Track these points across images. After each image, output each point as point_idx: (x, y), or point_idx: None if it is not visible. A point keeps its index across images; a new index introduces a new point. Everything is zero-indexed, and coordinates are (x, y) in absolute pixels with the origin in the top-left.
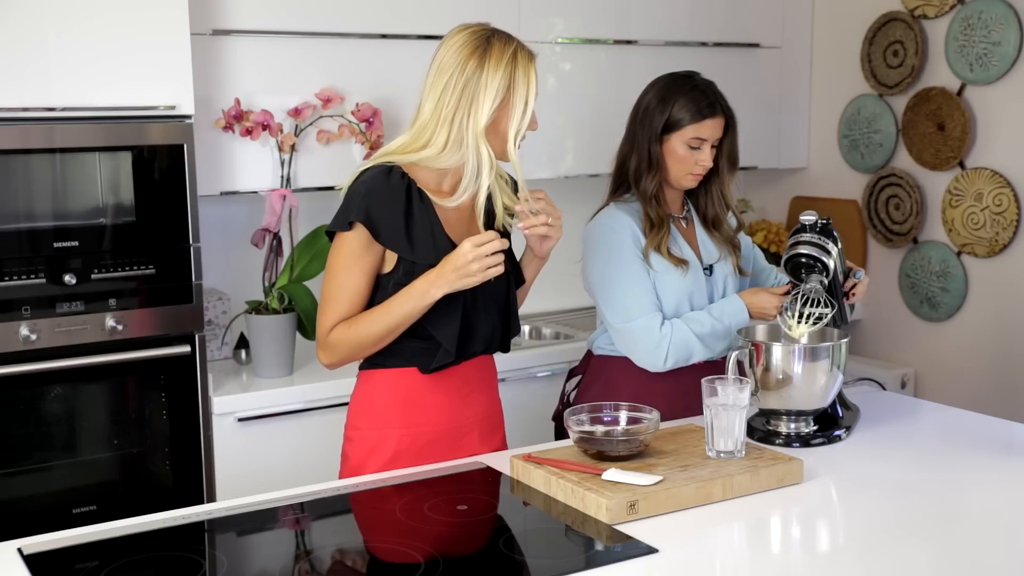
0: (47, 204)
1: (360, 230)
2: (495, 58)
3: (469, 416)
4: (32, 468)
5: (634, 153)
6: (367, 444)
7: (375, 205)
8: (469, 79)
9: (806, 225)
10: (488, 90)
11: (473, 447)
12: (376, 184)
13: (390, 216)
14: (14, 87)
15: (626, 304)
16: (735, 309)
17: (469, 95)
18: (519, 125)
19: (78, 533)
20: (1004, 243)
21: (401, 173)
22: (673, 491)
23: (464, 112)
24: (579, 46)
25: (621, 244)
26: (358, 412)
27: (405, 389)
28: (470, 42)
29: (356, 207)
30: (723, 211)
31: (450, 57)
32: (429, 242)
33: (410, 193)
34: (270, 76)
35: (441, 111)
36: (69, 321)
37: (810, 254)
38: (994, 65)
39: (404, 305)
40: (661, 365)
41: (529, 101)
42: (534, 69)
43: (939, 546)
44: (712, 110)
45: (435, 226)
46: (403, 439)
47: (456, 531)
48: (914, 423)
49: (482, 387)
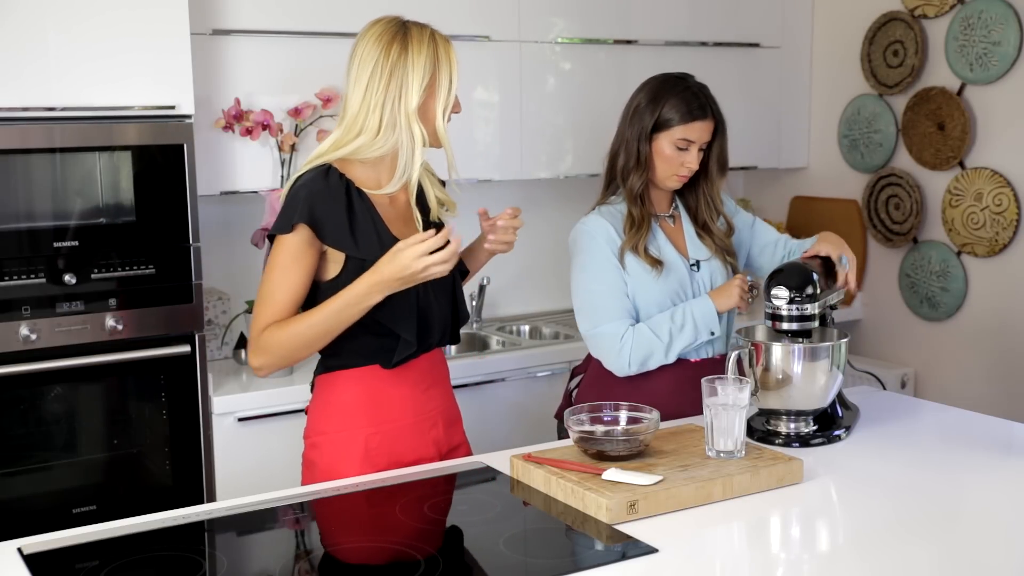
0: (47, 204)
1: (302, 231)
2: (416, 41)
3: (432, 409)
4: (32, 468)
5: (622, 150)
6: (336, 447)
7: (318, 206)
8: (395, 64)
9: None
10: (416, 71)
11: (439, 439)
12: (316, 186)
13: (333, 216)
14: (14, 87)
15: (593, 310)
16: (704, 311)
17: (398, 78)
18: (446, 102)
19: (78, 533)
20: (1004, 243)
21: (339, 174)
22: (673, 491)
23: (395, 95)
24: (579, 46)
25: (592, 251)
26: (322, 417)
27: (369, 387)
28: (388, 30)
29: (299, 209)
30: (712, 216)
31: (370, 48)
32: (374, 239)
33: (349, 192)
34: (270, 76)
35: (371, 99)
36: (69, 321)
37: (797, 330)
38: (994, 65)
39: (343, 310)
40: (626, 369)
41: (453, 80)
42: (453, 51)
43: (939, 546)
44: (702, 112)
45: (377, 222)
46: (372, 437)
47: (456, 531)
48: (914, 423)
49: (438, 380)
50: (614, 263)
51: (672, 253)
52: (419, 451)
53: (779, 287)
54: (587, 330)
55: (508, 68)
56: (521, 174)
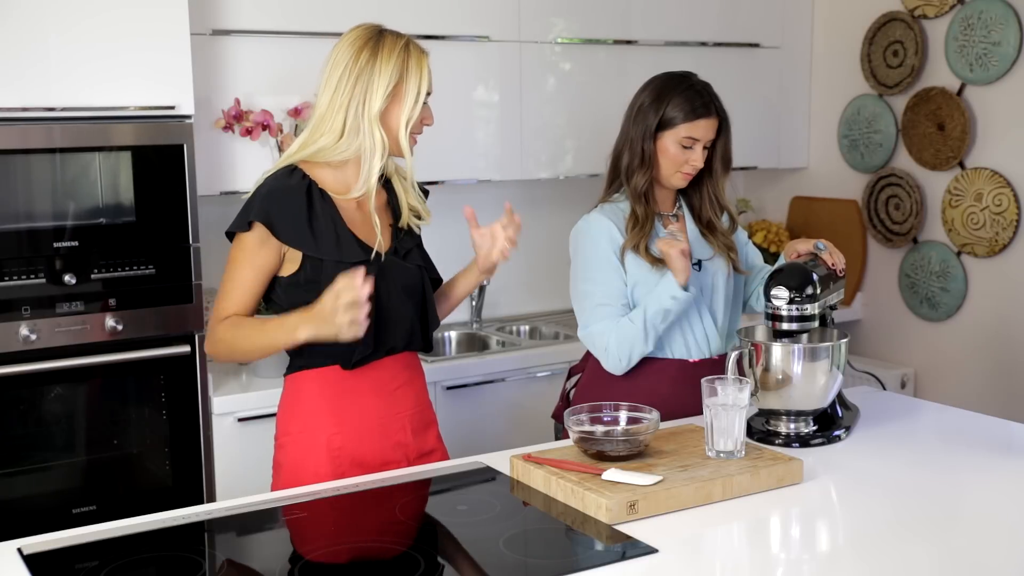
0: (47, 204)
1: (258, 229)
2: (387, 49)
3: (399, 412)
4: (32, 468)
5: (627, 149)
6: (299, 448)
7: (274, 205)
8: (363, 68)
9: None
10: (381, 77)
11: (407, 442)
12: (276, 184)
13: (290, 215)
14: (14, 87)
15: (586, 311)
16: (664, 285)
17: (364, 83)
18: (410, 113)
19: (78, 533)
20: (1004, 243)
21: (302, 174)
22: (673, 491)
23: (359, 99)
24: (579, 46)
25: (590, 250)
26: (287, 418)
27: (331, 387)
28: (362, 36)
29: (256, 208)
30: (716, 213)
31: (343, 52)
32: (332, 238)
33: (311, 192)
34: (270, 76)
35: (336, 100)
36: (69, 321)
37: (797, 330)
38: (994, 65)
39: (276, 333)
40: (618, 367)
41: (421, 91)
42: (427, 63)
43: (939, 546)
44: (706, 110)
45: (338, 223)
46: (334, 438)
47: (456, 531)
48: (914, 423)
49: (408, 384)
50: (613, 262)
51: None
52: (384, 454)
53: (779, 287)
54: (581, 330)
55: (508, 68)
56: (521, 174)
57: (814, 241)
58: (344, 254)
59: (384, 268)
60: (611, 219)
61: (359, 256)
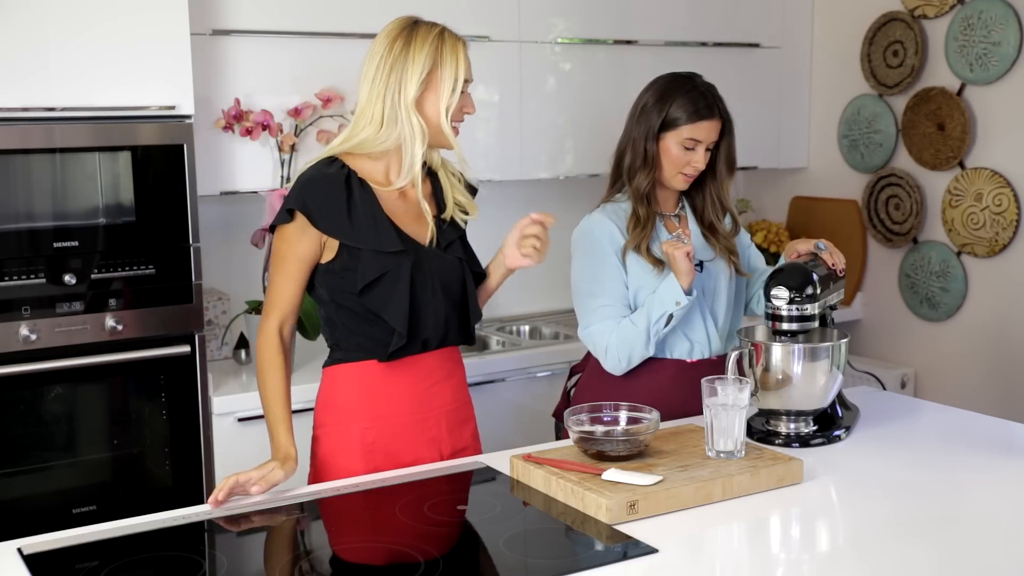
0: (47, 204)
1: (296, 218)
2: (420, 37)
3: (435, 408)
4: (32, 468)
5: (629, 149)
6: (333, 440)
7: (312, 194)
8: (397, 57)
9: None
10: (415, 64)
11: (440, 438)
12: (313, 174)
13: (328, 203)
14: (14, 87)
15: (587, 311)
16: (667, 286)
17: (398, 71)
18: (449, 100)
19: (78, 533)
20: (1004, 243)
21: (341, 164)
22: (673, 491)
23: (394, 88)
24: (579, 46)
25: (592, 251)
26: (323, 409)
27: (367, 381)
28: (396, 27)
29: (294, 197)
30: (719, 215)
31: (379, 44)
32: (370, 227)
33: (349, 181)
34: (270, 76)
35: (374, 91)
36: (69, 321)
37: (797, 330)
38: (994, 65)
39: (269, 420)
40: (617, 367)
41: (458, 77)
42: (463, 49)
43: (939, 546)
44: (709, 112)
45: (377, 212)
46: (368, 432)
47: (456, 531)
48: (914, 423)
49: (446, 379)
50: (614, 262)
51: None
52: (417, 450)
53: (779, 287)
54: (581, 330)
55: (508, 68)
56: (521, 174)
57: (814, 241)
58: (383, 243)
59: (422, 259)
60: (612, 219)
61: (397, 245)
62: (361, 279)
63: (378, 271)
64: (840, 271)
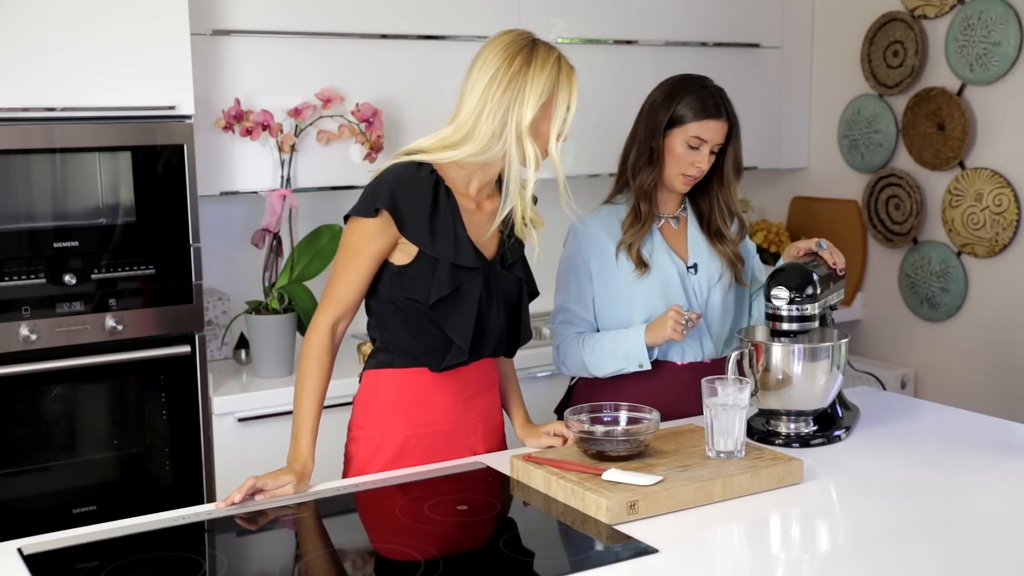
0: (47, 204)
1: (382, 217)
2: (541, 59)
3: (472, 417)
4: (32, 468)
5: (635, 146)
6: (372, 443)
7: (402, 195)
8: (516, 74)
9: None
10: (535, 87)
11: (476, 448)
12: (405, 175)
13: (416, 208)
14: (14, 87)
15: (555, 307)
16: (634, 342)
17: (515, 89)
18: (561, 127)
19: (78, 533)
20: (1004, 243)
21: (431, 168)
22: (673, 491)
23: (509, 106)
24: (579, 46)
25: (570, 254)
26: (364, 411)
27: (412, 389)
28: (516, 42)
29: (384, 195)
30: (726, 220)
31: (495, 55)
32: (450, 239)
33: (437, 189)
34: (270, 76)
35: (485, 104)
36: (69, 321)
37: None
38: (994, 65)
39: (295, 420)
40: (563, 371)
41: (571, 106)
42: (576, 80)
43: (939, 546)
44: (717, 111)
45: (458, 225)
46: (408, 439)
47: (456, 531)
48: (914, 423)
49: (484, 390)
50: (584, 272)
51: (664, 257)
52: (453, 457)
53: (779, 287)
54: (550, 324)
55: None
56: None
57: (815, 240)
58: (460, 257)
59: (490, 276)
60: (601, 223)
61: (474, 262)
62: (435, 292)
63: (452, 285)
64: (840, 270)
